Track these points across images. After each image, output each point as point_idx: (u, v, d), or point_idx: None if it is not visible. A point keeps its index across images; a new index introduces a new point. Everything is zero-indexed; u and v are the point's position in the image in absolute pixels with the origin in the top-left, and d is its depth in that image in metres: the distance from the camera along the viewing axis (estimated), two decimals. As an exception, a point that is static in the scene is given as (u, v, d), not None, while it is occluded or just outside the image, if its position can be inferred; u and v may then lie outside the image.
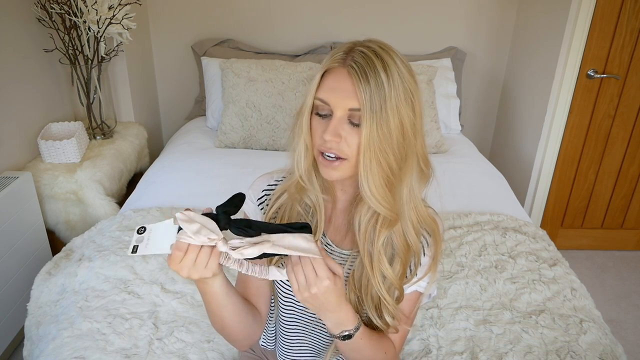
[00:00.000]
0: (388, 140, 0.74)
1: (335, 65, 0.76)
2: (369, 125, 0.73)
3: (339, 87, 0.75)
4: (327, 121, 0.77)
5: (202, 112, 2.58)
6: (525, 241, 1.59)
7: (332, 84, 0.76)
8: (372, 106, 0.72)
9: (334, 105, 0.75)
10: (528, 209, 2.47)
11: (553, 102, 2.24)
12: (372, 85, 0.72)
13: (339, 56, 0.76)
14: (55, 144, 1.87)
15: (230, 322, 0.83)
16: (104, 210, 1.86)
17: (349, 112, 0.75)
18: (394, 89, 0.73)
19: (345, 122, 0.76)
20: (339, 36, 2.55)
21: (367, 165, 0.74)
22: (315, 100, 0.78)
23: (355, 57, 0.75)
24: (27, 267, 1.74)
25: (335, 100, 0.75)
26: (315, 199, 0.86)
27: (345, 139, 0.76)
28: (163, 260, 1.41)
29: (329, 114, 0.77)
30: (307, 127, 0.80)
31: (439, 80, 2.41)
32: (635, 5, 2.03)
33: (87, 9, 1.86)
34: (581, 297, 1.37)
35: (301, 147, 0.82)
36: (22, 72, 1.88)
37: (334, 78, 0.76)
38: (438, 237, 0.87)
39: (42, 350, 1.18)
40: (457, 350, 1.20)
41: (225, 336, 0.88)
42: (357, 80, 0.73)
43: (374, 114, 0.72)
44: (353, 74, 0.73)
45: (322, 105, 0.77)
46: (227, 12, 2.53)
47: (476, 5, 2.55)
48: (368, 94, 0.72)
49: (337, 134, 0.75)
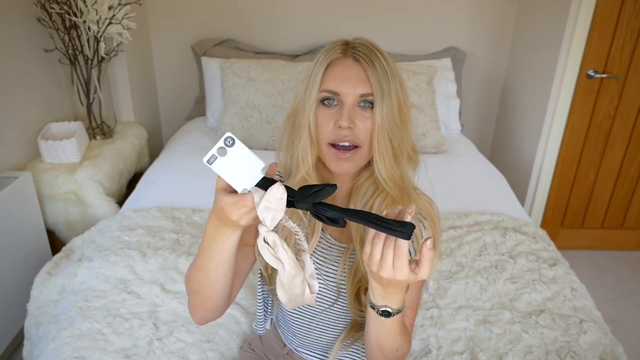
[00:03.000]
0: (394, 123, 0.78)
1: (339, 56, 0.80)
2: (380, 107, 0.77)
3: (347, 75, 0.78)
4: (335, 112, 0.79)
5: (202, 112, 2.58)
6: (525, 241, 1.59)
7: (339, 73, 0.79)
8: (382, 90, 0.77)
9: (345, 94, 0.78)
10: (528, 209, 2.47)
11: (553, 102, 2.24)
12: (379, 70, 0.77)
13: (339, 50, 0.80)
14: (55, 144, 1.87)
15: (215, 283, 0.78)
16: (104, 210, 1.86)
17: (360, 98, 0.78)
18: (392, 76, 0.78)
19: (356, 109, 0.79)
20: (338, 36, 2.49)
21: (381, 147, 0.78)
22: (321, 92, 0.79)
23: (357, 47, 0.80)
24: (27, 267, 1.74)
25: (345, 88, 0.78)
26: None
27: (358, 126, 0.78)
28: (163, 260, 1.41)
29: (337, 104, 0.79)
30: (314, 122, 0.80)
31: (439, 80, 2.41)
32: (635, 5, 2.03)
33: (87, 9, 1.86)
34: (581, 297, 1.37)
35: (305, 143, 0.81)
36: (22, 72, 1.88)
37: (340, 68, 0.79)
38: (435, 219, 0.88)
39: (42, 350, 1.18)
40: (457, 350, 1.20)
41: (199, 298, 0.82)
42: (367, 65, 0.77)
43: (385, 97, 0.77)
44: (361, 60, 0.78)
45: (330, 96, 0.79)
46: (227, 12, 2.53)
47: (476, 5, 2.55)
48: (377, 78, 0.77)
49: (352, 121, 0.78)
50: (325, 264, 0.91)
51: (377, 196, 0.84)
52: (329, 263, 0.91)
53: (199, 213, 1.69)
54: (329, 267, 0.91)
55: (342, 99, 0.78)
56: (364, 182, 0.86)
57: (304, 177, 0.84)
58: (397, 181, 0.81)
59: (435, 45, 2.62)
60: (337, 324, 0.95)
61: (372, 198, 0.84)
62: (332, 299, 0.92)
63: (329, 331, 0.96)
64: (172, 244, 1.50)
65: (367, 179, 0.85)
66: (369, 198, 0.84)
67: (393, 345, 0.80)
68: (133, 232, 1.54)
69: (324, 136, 0.80)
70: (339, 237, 0.91)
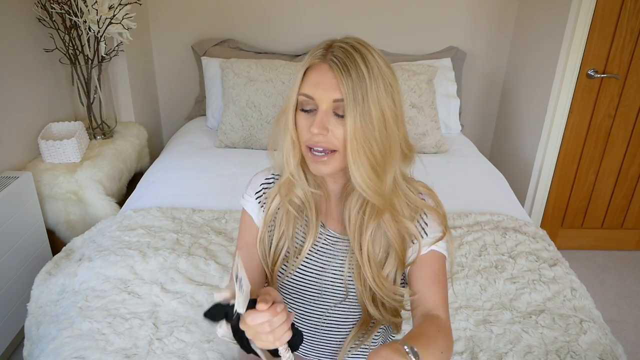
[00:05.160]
0: (371, 131, 0.76)
1: (317, 61, 0.79)
2: (352, 115, 0.75)
3: (322, 81, 0.77)
4: (312, 116, 0.79)
5: (202, 112, 2.58)
6: (525, 241, 1.59)
7: (315, 78, 0.78)
8: (354, 97, 0.75)
9: (319, 99, 0.78)
10: (528, 209, 2.47)
11: (553, 101, 2.24)
12: (354, 77, 0.75)
13: (319, 53, 0.80)
14: (55, 144, 1.87)
15: None
16: (104, 210, 1.86)
17: (334, 104, 0.77)
18: (374, 81, 0.76)
19: (330, 115, 0.78)
20: (338, 36, 2.53)
21: (355, 155, 0.77)
22: (299, 96, 0.80)
23: (334, 52, 0.78)
24: (27, 267, 1.74)
25: (319, 93, 0.78)
26: (303, 196, 0.88)
27: (332, 132, 0.78)
28: (163, 260, 1.41)
29: (314, 108, 0.79)
30: (292, 124, 0.81)
31: (439, 80, 2.41)
32: (635, 5, 2.03)
33: (87, 9, 1.86)
34: (581, 297, 1.37)
35: (288, 144, 0.83)
36: (23, 72, 1.88)
37: (316, 73, 0.79)
38: (437, 200, 0.89)
39: (42, 350, 1.18)
40: (457, 350, 1.20)
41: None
42: (338, 73, 0.76)
43: (357, 105, 0.75)
44: (334, 67, 0.76)
45: (306, 101, 0.79)
46: (227, 12, 2.53)
47: (476, 5, 2.55)
48: (350, 86, 0.75)
49: (324, 127, 0.77)
50: (331, 260, 0.90)
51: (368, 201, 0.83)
52: (335, 258, 0.90)
53: (199, 213, 1.69)
54: (336, 263, 0.90)
55: (317, 103, 0.78)
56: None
57: (289, 178, 0.86)
58: (377, 189, 0.79)
59: (435, 45, 2.62)
60: (345, 322, 0.94)
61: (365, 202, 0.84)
62: (340, 296, 0.91)
63: (338, 330, 0.95)
64: (172, 244, 1.50)
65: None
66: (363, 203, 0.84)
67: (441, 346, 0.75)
68: (133, 232, 1.54)
69: (302, 138, 0.81)
70: (342, 230, 0.90)
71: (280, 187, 0.88)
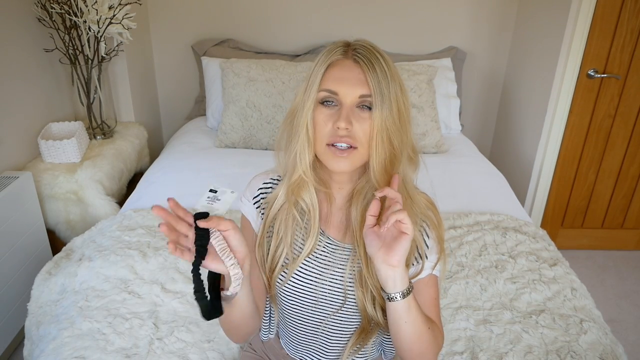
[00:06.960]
0: (392, 125, 0.78)
1: (339, 57, 0.80)
2: (379, 109, 0.77)
3: (347, 76, 0.78)
4: (334, 112, 0.80)
5: (202, 112, 2.58)
6: (526, 241, 1.59)
7: (339, 74, 0.79)
8: (381, 91, 0.77)
9: (344, 94, 0.78)
10: (528, 209, 2.47)
11: (553, 101, 2.24)
12: (379, 72, 0.77)
13: (340, 50, 0.81)
14: (55, 144, 1.87)
15: (244, 319, 0.83)
16: (104, 210, 1.86)
17: (359, 100, 0.78)
18: (392, 79, 0.78)
19: (354, 110, 0.79)
20: (338, 36, 2.49)
21: (379, 150, 0.78)
22: (320, 92, 0.80)
23: (357, 49, 0.80)
24: (28, 267, 1.74)
25: (345, 89, 0.78)
26: (310, 202, 0.87)
27: (356, 127, 0.79)
28: (163, 260, 1.41)
29: (336, 104, 0.80)
30: (311, 121, 0.81)
31: (439, 80, 2.41)
32: (635, 5, 2.03)
33: (87, 9, 1.86)
34: (581, 297, 1.37)
35: (303, 142, 0.82)
36: (23, 72, 1.88)
37: (340, 69, 0.80)
38: (438, 218, 0.88)
39: (42, 350, 1.18)
40: (457, 350, 1.20)
41: (234, 333, 0.88)
42: (366, 67, 0.78)
43: (384, 99, 0.77)
44: (361, 62, 0.78)
45: (329, 96, 0.79)
46: (227, 12, 2.53)
47: (476, 5, 2.55)
48: (377, 80, 0.77)
49: (350, 121, 0.78)
50: (329, 267, 0.89)
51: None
52: (334, 266, 0.89)
53: (199, 213, 1.69)
54: (335, 270, 0.89)
55: (341, 99, 0.78)
56: (364, 185, 0.85)
57: (301, 177, 0.84)
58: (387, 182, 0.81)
59: (436, 45, 2.62)
60: (343, 330, 0.93)
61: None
62: (338, 304, 0.90)
63: (337, 337, 0.94)
64: (173, 243, 1.49)
65: (368, 182, 0.85)
66: (369, 202, 0.83)
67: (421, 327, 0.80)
68: (133, 232, 1.54)
69: (323, 136, 0.80)
70: (342, 237, 0.90)
71: (288, 188, 0.87)
